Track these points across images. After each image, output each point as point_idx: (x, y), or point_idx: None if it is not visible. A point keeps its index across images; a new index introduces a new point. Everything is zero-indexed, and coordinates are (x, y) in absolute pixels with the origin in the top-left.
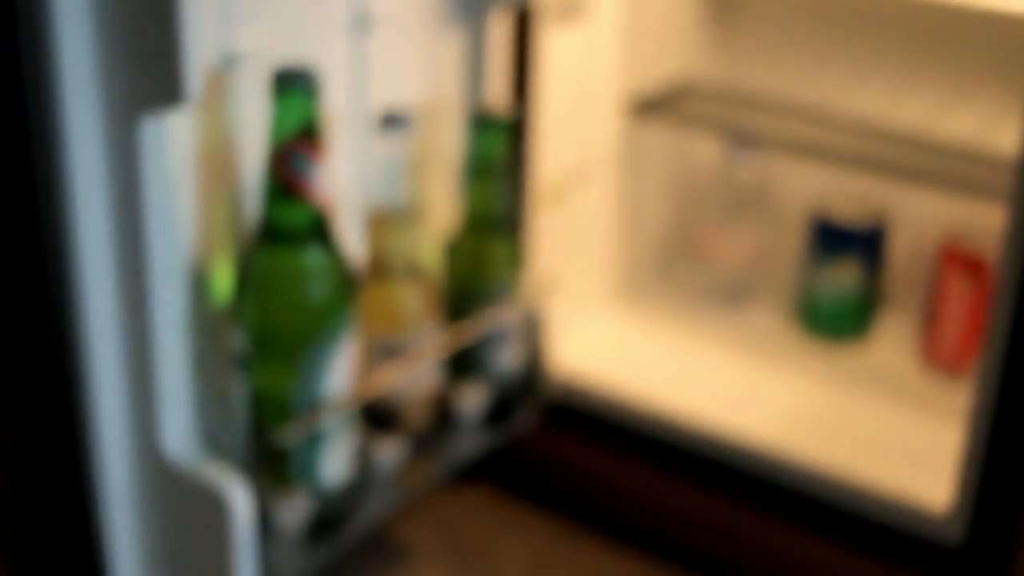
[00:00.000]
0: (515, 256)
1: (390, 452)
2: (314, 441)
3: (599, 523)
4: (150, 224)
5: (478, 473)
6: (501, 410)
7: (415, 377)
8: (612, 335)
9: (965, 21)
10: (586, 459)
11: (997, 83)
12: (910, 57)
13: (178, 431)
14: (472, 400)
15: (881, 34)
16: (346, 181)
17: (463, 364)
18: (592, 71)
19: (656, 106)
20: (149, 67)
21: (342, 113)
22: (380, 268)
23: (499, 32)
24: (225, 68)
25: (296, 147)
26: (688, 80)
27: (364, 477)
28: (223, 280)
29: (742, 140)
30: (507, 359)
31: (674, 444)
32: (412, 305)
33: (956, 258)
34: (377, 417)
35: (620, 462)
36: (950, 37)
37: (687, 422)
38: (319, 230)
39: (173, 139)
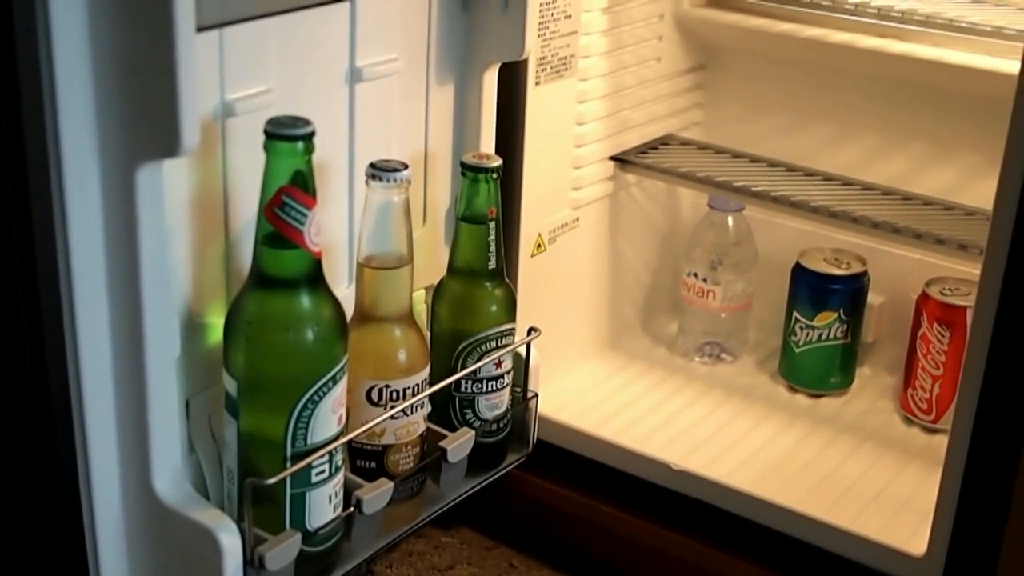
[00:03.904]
0: (503, 303)
1: (377, 495)
2: (303, 484)
3: (585, 568)
4: (145, 269)
5: (463, 517)
6: (488, 455)
7: (403, 422)
8: (596, 383)
9: (944, 79)
10: (573, 505)
11: (975, 139)
12: (891, 115)
13: (170, 472)
14: (459, 445)
15: (862, 93)
16: (337, 229)
17: (451, 409)
18: (577, 123)
19: (640, 159)
20: (148, 117)
21: (334, 162)
22: (370, 315)
23: (489, 84)
24: (221, 117)
25: (288, 195)
26: (672, 134)
27: (351, 520)
28: (216, 325)
29: (725, 193)
30: (495, 405)
31: (659, 491)
32: (401, 351)
33: (934, 309)
34: (365, 460)
35: (606, 508)
36: (929, 95)
37: (672, 470)
38: (310, 277)
39: (168, 186)
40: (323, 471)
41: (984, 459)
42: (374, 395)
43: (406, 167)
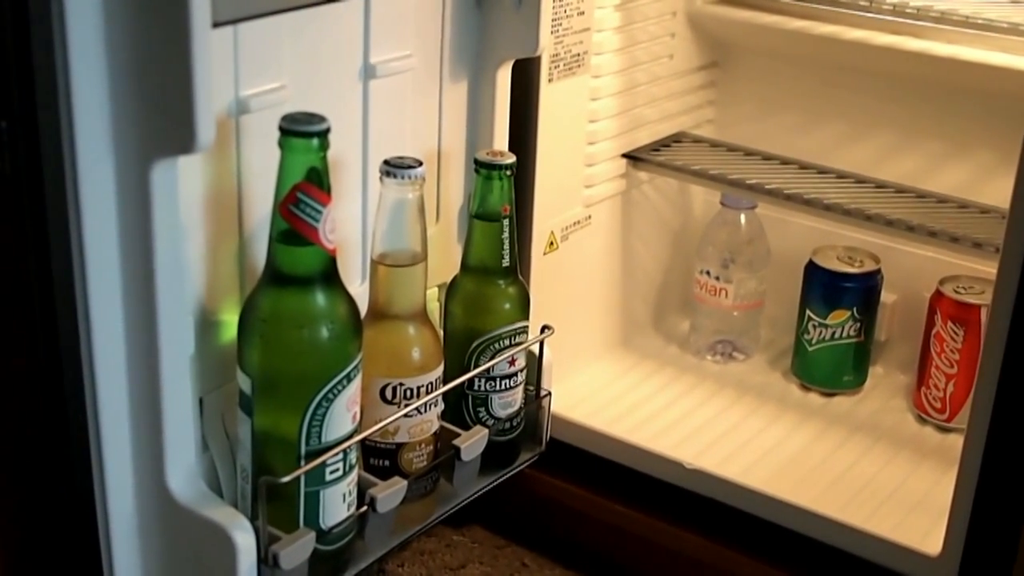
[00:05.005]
0: (517, 301)
1: (391, 494)
2: (317, 482)
3: (596, 567)
4: (159, 266)
5: (475, 515)
6: (501, 453)
7: (416, 420)
8: (608, 382)
9: (959, 76)
10: (586, 503)
11: (990, 136)
12: (905, 112)
13: (184, 470)
14: (473, 443)
15: (876, 90)
16: (351, 226)
17: (464, 407)
18: (590, 120)
19: (652, 156)
20: (163, 114)
21: (348, 158)
22: (383, 312)
23: (503, 81)
24: (235, 113)
25: (303, 192)
26: (684, 131)
27: (365, 518)
28: (230, 323)
29: (738, 191)
30: (508, 403)
31: (672, 490)
32: (415, 349)
33: (948, 307)
34: (378, 459)
35: (619, 507)
36: (944, 92)
37: (684, 468)
38: (325, 274)
39: (183, 183)
40: (337, 469)
41: (1000, 458)
42: (388, 393)
43: (420, 164)
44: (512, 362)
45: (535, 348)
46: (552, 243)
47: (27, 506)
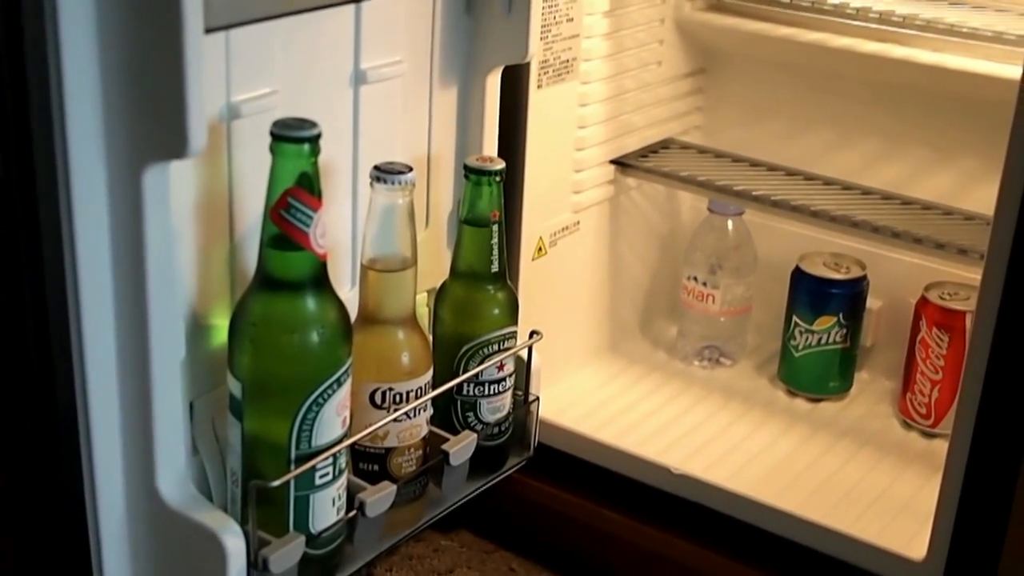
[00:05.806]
0: (506, 306)
1: (380, 498)
2: (306, 486)
3: (584, 572)
4: (151, 270)
5: (463, 520)
6: (490, 458)
7: (406, 425)
8: (595, 387)
9: (944, 84)
10: (573, 508)
11: (975, 143)
12: (891, 119)
13: (173, 474)
14: (462, 448)
15: (862, 97)
16: (341, 231)
17: (453, 412)
18: (579, 126)
19: (640, 162)
20: (156, 119)
21: (339, 164)
22: (373, 317)
23: (492, 87)
24: (226, 119)
25: (294, 197)
26: (672, 137)
27: (354, 522)
28: (220, 327)
29: (725, 197)
30: (496, 408)
31: (659, 495)
32: (404, 354)
33: (933, 313)
34: (368, 463)
35: (606, 512)
36: (929, 100)
37: (672, 473)
38: (315, 279)
39: (174, 188)
40: (327, 474)
41: (984, 463)
42: (377, 398)
43: (410, 169)
44: (501, 367)
45: (523, 353)
46: (541, 248)
47: (17, 510)
